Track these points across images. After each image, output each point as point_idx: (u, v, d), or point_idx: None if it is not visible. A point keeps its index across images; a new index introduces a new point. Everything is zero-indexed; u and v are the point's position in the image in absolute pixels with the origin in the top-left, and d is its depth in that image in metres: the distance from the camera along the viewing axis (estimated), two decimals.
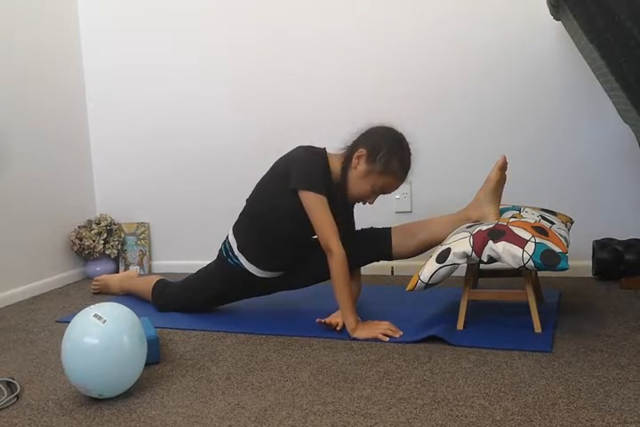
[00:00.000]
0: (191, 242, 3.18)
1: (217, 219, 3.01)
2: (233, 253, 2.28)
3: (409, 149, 2.18)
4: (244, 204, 2.31)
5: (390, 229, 2.28)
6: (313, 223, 2.10)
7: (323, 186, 2.11)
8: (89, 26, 3.24)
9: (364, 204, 2.23)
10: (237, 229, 2.31)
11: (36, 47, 2.97)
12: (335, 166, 2.18)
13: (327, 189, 2.12)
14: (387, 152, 2.11)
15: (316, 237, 2.32)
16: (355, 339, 2.01)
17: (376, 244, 2.27)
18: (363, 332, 2.03)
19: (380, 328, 2.03)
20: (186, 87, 3.11)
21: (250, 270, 2.26)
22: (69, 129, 3.18)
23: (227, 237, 2.33)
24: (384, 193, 2.19)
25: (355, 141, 2.18)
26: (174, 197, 3.20)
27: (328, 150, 2.22)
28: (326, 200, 2.10)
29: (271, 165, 2.25)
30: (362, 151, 2.13)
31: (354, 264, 2.29)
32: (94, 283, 2.82)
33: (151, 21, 3.13)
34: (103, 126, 3.28)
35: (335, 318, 2.11)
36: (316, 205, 2.09)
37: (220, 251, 2.34)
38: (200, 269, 2.44)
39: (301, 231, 2.20)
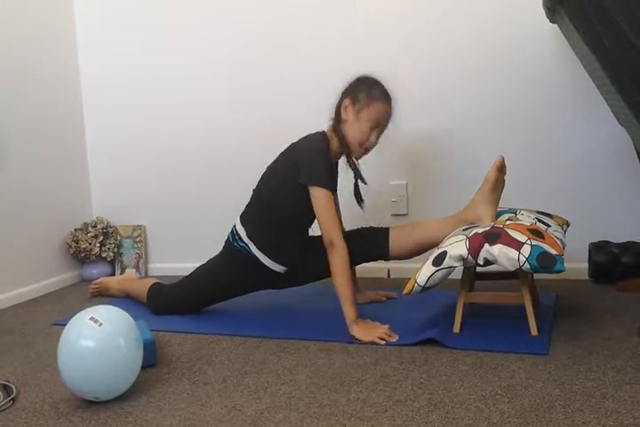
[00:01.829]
0: (187, 245, 3.17)
1: (214, 221, 3.00)
2: (242, 239, 2.31)
3: (384, 84, 2.28)
4: (250, 195, 2.36)
5: (388, 228, 2.30)
6: (318, 217, 2.18)
7: (329, 181, 2.20)
8: (85, 26, 3.23)
9: (371, 147, 2.29)
10: (245, 218, 2.35)
11: (32, 47, 2.96)
12: (334, 144, 2.27)
13: (330, 173, 2.23)
14: (365, 88, 2.25)
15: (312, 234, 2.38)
16: (351, 342, 2.01)
17: (373, 243, 2.29)
18: (361, 332, 2.03)
19: (378, 332, 2.03)
20: (183, 88, 3.11)
21: (258, 257, 2.28)
22: (66, 131, 3.17)
23: (234, 227, 2.36)
24: (382, 127, 2.27)
25: (339, 100, 2.29)
26: (170, 199, 3.20)
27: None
28: (332, 196, 2.19)
29: (280, 153, 2.31)
30: (346, 102, 2.25)
31: (351, 262, 2.31)
32: (93, 286, 2.81)
33: (147, 22, 3.13)
34: (99, 128, 3.27)
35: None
36: (323, 201, 2.16)
37: (228, 238, 2.37)
38: (198, 267, 2.44)
39: (306, 219, 2.29)
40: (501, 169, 2.14)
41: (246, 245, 2.30)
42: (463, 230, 2.04)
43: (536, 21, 2.50)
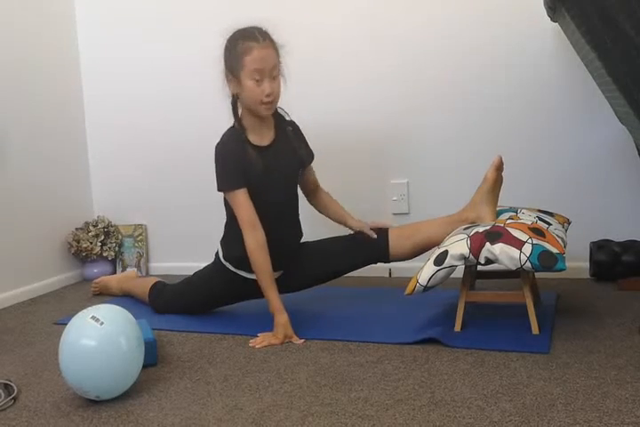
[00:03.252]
0: (188, 243, 3.17)
1: (214, 220, 2.97)
2: (220, 258, 2.31)
3: (248, 27, 2.13)
4: None
5: (387, 230, 2.28)
6: (236, 215, 2.16)
7: (232, 177, 2.16)
8: (86, 20, 3.22)
9: (272, 100, 2.13)
10: (221, 239, 2.35)
11: (33, 44, 2.96)
12: (248, 122, 2.20)
13: (244, 153, 2.16)
14: (227, 51, 2.12)
15: (303, 240, 2.38)
16: (353, 340, 2.01)
17: (373, 246, 2.28)
18: (271, 337, 2.06)
19: (273, 340, 2.05)
20: (186, 87, 3.09)
21: (240, 274, 2.27)
22: (66, 131, 3.17)
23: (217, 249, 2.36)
24: (267, 72, 2.08)
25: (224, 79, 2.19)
26: (171, 198, 3.19)
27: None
28: (243, 191, 2.14)
29: None
30: (226, 74, 2.14)
31: (351, 266, 2.32)
32: (94, 285, 2.82)
33: (148, 15, 3.11)
34: (101, 127, 3.26)
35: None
36: (232, 202, 2.17)
37: (216, 253, 2.36)
38: (196, 272, 2.44)
39: (268, 227, 2.16)
40: (500, 168, 2.14)
41: (224, 263, 2.30)
42: (464, 229, 2.04)
43: (537, 20, 2.49)
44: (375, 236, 2.26)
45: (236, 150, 2.18)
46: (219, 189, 2.20)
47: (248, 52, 2.07)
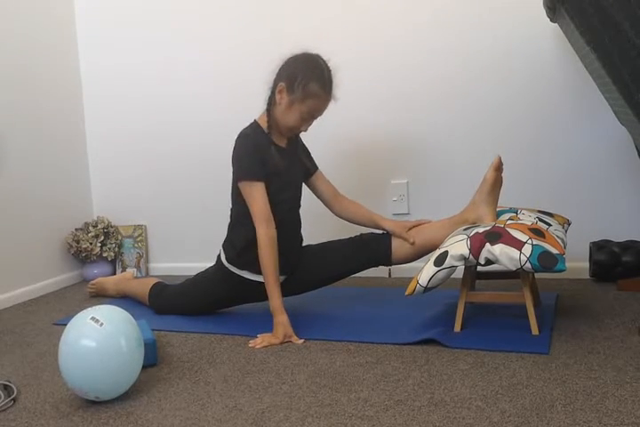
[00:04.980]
0: (188, 244, 3.17)
1: (214, 220, 2.98)
2: (223, 262, 2.30)
3: (326, 68, 2.20)
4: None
5: (390, 234, 2.28)
6: (249, 208, 2.16)
7: (254, 169, 2.17)
8: (85, 23, 3.23)
9: (300, 132, 2.27)
10: (224, 241, 2.34)
11: (32, 47, 2.96)
12: (272, 124, 2.23)
13: (268, 150, 2.19)
14: (302, 78, 2.14)
15: (304, 244, 2.39)
16: (352, 341, 2.01)
17: (375, 249, 2.28)
18: (270, 337, 2.06)
19: (273, 340, 2.05)
20: (184, 88, 3.10)
21: (244, 276, 2.27)
22: (66, 131, 3.17)
23: (219, 251, 2.35)
24: (314, 117, 2.22)
25: (274, 79, 2.21)
26: (170, 199, 3.20)
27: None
28: (261, 184, 2.15)
29: None
30: (281, 85, 2.16)
31: (352, 269, 2.32)
32: (90, 286, 2.81)
33: (148, 18, 3.12)
34: (100, 128, 3.27)
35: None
36: (248, 193, 2.17)
37: (218, 253, 2.35)
38: (198, 273, 2.43)
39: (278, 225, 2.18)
40: (499, 169, 2.14)
41: (228, 267, 2.29)
42: (464, 230, 2.04)
43: (537, 21, 2.50)
44: (412, 240, 2.24)
45: (261, 144, 2.21)
46: (238, 179, 2.19)
47: (314, 97, 2.15)
